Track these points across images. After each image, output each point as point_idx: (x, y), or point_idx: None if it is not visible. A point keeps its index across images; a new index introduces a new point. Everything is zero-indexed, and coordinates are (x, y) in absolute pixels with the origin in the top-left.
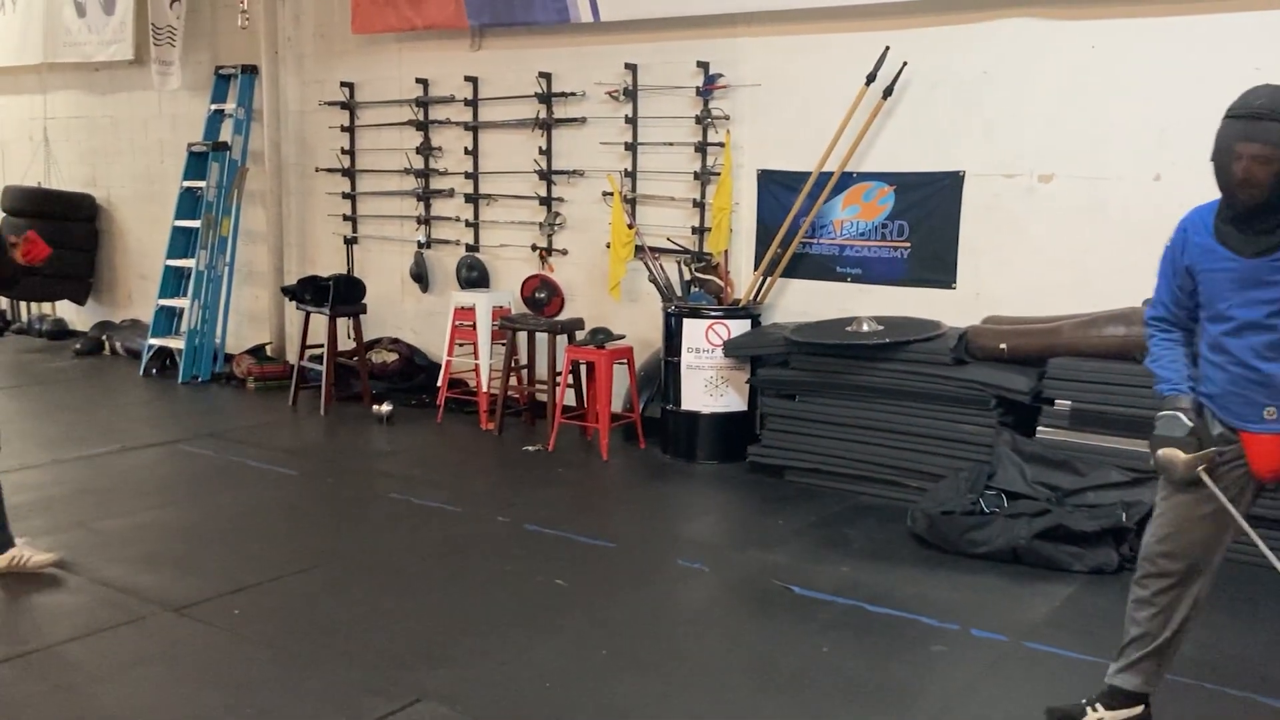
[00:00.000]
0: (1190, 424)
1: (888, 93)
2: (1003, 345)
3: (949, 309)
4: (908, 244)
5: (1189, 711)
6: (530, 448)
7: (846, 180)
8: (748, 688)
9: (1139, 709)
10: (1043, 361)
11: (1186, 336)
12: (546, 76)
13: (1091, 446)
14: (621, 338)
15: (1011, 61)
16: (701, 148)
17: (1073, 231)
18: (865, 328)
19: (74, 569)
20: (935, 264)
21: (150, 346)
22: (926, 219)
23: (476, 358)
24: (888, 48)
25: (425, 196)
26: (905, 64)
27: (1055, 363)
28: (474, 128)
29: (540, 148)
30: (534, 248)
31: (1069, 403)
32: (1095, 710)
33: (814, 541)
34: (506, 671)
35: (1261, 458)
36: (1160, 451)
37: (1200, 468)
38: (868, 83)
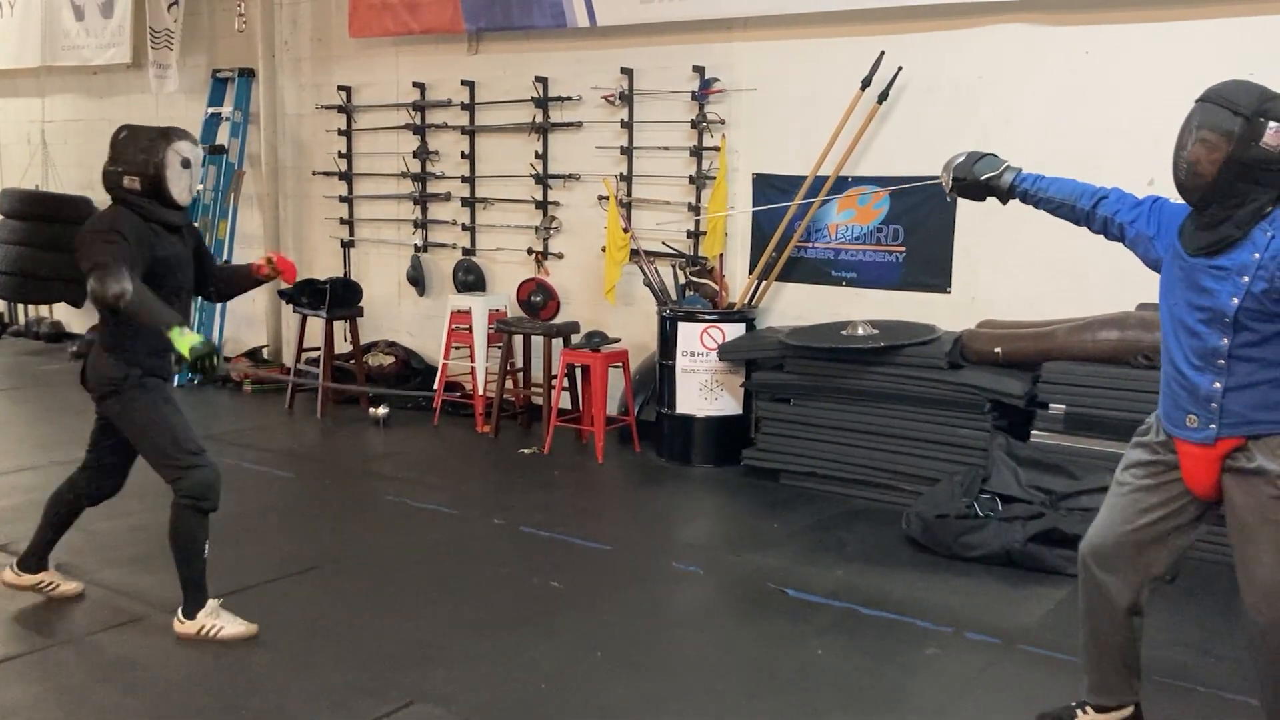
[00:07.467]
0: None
1: (883, 97)
2: (997, 349)
3: (944, 313)
4: (903, 248)
5: (1182, 715)
6: (526, 451)
7: (842, 184)
8: (742, 690)
9: (1128, 710)
10: (1037, 366)
11: (1096, 204)
12: (543, 80)
13: (1085, 450)
14: (617, 341)
15: (1006, 66)
16: (697, 152)
17: (1067, 236)
18: (860, 331)
19: (71, 571)
20: (930, 268)
21: None
22: (922, 223)
23: (473, 361)
24: (883, 52)
25: (422, 200)
26: (900, 69)
27: (1049, 367)
28: (471, 131)
29: (536, 151)
30: (530, 251)
31: (1063, 406)
32: (1085, 713)
33: (809, 545)
34: (501, 673)
35: (1188, 470)
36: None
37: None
38: (863, 87)
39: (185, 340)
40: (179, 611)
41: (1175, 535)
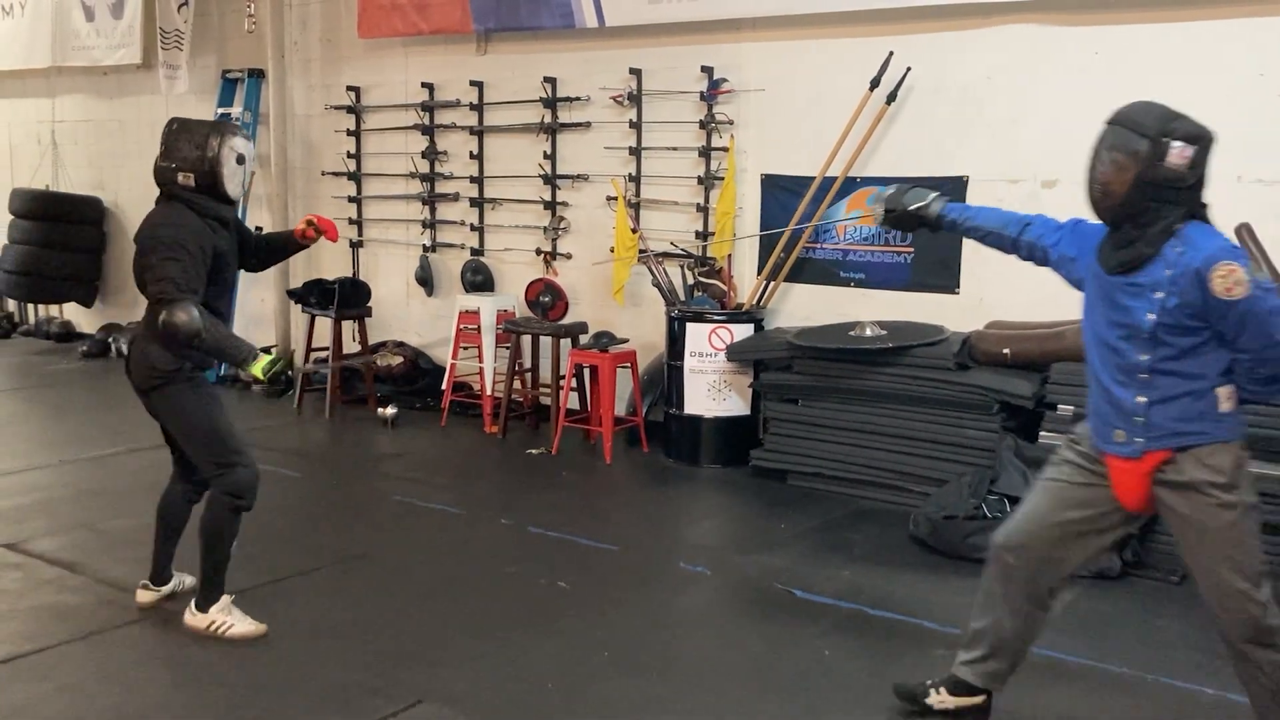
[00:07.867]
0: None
1: (891, 98)
2: (1006, 350)
3: (952, 314)
4: (911, 249)
5: (1187, 716)
6: (534, 451)
7: (850, 185)
8: (748, 691)
9: (980, 699)
10: (1046, 366)
11: (1022, 231)
12: (551, 81)
13: None
14: (625, 342)
15: (1015, 66)
16: (705, 152)
17: None
18: (868, 332)
19: (79, 569)
20: (938, 269)
21: None
22: None
23: (481, 361)
24: (891, 53)
25: (430, 200)
26: (909, 69)
27: (1058, 367)
28: (479, 132)
29: (545, 152)
30: (538, 252)
31: (1071, 408)
32: (938, 693)
33: (816, 546)
34: (508, 673)
35: (1119, 485)
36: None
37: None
38: (871, 87)
39: (258, 365)
40: (191, 603)
41: (1094, 537)
